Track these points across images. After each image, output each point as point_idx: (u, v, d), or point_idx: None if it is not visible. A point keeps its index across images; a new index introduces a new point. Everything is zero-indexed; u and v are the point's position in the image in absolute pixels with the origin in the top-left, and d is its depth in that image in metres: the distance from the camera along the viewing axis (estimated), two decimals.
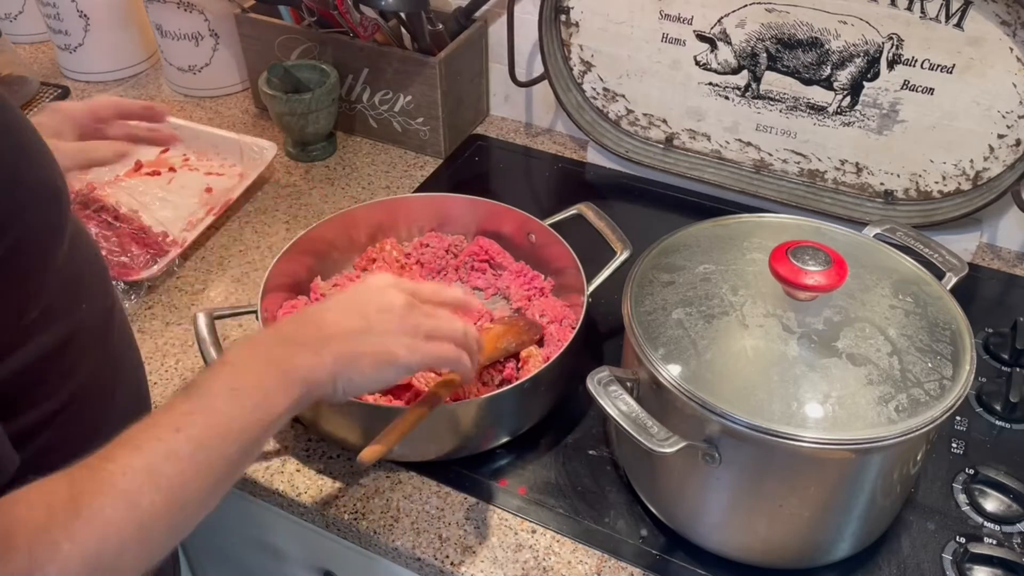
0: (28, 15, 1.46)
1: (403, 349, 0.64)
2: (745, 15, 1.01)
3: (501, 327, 0.85)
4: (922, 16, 0.92)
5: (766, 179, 1.11)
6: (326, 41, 1.19)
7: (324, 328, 0.62)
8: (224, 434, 0.55)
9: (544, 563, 0.75)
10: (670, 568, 0.74)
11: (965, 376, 0.66)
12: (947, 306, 0.71)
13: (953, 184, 1.01)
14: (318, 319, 0.63)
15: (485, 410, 0.78)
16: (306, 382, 0.59)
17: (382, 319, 0.64)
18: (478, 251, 0.98)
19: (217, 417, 0.55)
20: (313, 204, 1.14)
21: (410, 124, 1.21)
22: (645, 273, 0.75)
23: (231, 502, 0.94)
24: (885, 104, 0.99)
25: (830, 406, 0.63)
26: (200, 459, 0.53)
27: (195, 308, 0.99)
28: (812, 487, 0.67)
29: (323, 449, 0.84)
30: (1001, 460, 0.81)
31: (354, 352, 0.62)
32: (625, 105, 1.16)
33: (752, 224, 0.80)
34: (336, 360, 0.61)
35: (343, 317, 0.63)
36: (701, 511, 0.73)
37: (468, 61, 1.20)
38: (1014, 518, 0.76)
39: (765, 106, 1.06)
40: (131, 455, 0.51)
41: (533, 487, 0.80)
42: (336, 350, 0.61)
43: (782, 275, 0.67)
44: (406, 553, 0.77)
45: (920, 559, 0.74)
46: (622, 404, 0.65)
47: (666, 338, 0.69)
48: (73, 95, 1.37)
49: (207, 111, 1.32)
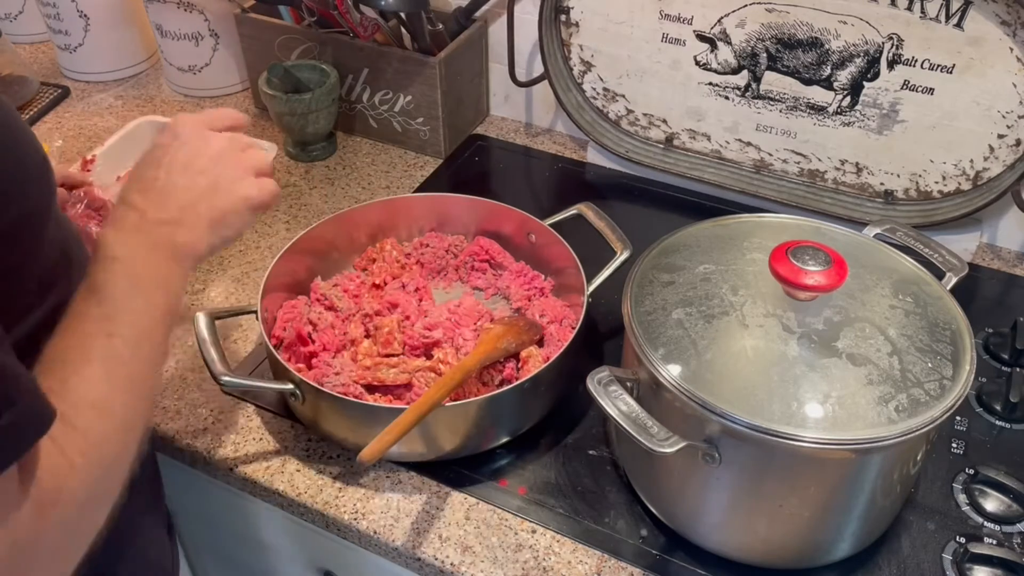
0: (28, 15, 1.46)
1: (254, 190, 0.69)
2: (745, 15, 1.01)
3: (501, 327, 0.85)
4: (922, 16, 0.92)
5: (766, 179, 1.11)
6: (326, 41, 1.19)
7: (180, 196, 0.65)
8: (149, 326, 0.60)
9: (544, 563, 0.75)
10: (670, 568, 0.74)
11: (965, 376, 0.66)
12: (947, 306, 0.71)
13: (953, 184, 1.01)
14: (168, 187, 0.65)
15: (485, 410, 0.78)
16: (191, 256, 0.65)
17: (223, 169, 0.68)
18: (478, 251, 0.98)
19: (135, 314, 0.59)
20: (313, 204, 1.14)
21: (410, 124, 1.21)
22: (645, 273, 0.75)
23: (231, 502, 0.94)
24: (885, 104, 0.99)
25: (830, 406, 0.63)
26: (142, 353, 0.59)
27: (195, 308, 0.99)
28: (812, 487, 0.67)
29: (323, 449, 0.84)
30: (1001, 460, 0.81)
31: (220, 212, 0.66)
32: (625, 105, 1.16)
33: (752, 224, 0.80)
34: (208, 226, 0.66)
35: (190, 180, 0.66)
36: (701, 511, 0.73)
37: (468, 61, 1.20)
38: (1014, 518, 0.76)
39: (765, 106, 1.06)
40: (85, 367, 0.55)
41: (533, 487, 0.80)
42: (206, 216, 0.65)
43: (782, 275, 0.67)
44: (406, 553, 0.77)
45: (920, 559, 0.74)
46: (622, 404, 0.65)
47: (666, 338, 0.69)
48: (73, 95, 1.37)
49: None
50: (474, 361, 0.80)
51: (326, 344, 0.86)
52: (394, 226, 1.01)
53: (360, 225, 0.99)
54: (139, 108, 1.33)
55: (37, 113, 1.31)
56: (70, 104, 1.35)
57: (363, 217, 0.99)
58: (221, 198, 0.67)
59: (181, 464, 0.89)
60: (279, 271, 0.90)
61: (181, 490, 1.01)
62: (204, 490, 0.95)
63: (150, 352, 0.60)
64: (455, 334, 0.86)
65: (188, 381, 0.91)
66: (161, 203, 0.64)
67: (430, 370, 0.83)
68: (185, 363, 0.93)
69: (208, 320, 0.82)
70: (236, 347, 0.94)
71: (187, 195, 0.65)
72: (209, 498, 0.96)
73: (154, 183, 0.65)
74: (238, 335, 0.96)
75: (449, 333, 0.86)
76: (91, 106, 1.34)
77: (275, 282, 0.90)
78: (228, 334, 0.95)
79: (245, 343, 0.95)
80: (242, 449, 0.84)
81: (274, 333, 0.88)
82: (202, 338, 0.81)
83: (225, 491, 0.92)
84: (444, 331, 0.86)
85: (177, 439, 0.85)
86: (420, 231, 1.01)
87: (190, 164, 0.67)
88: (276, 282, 0.90)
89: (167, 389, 0.90)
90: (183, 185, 0.66)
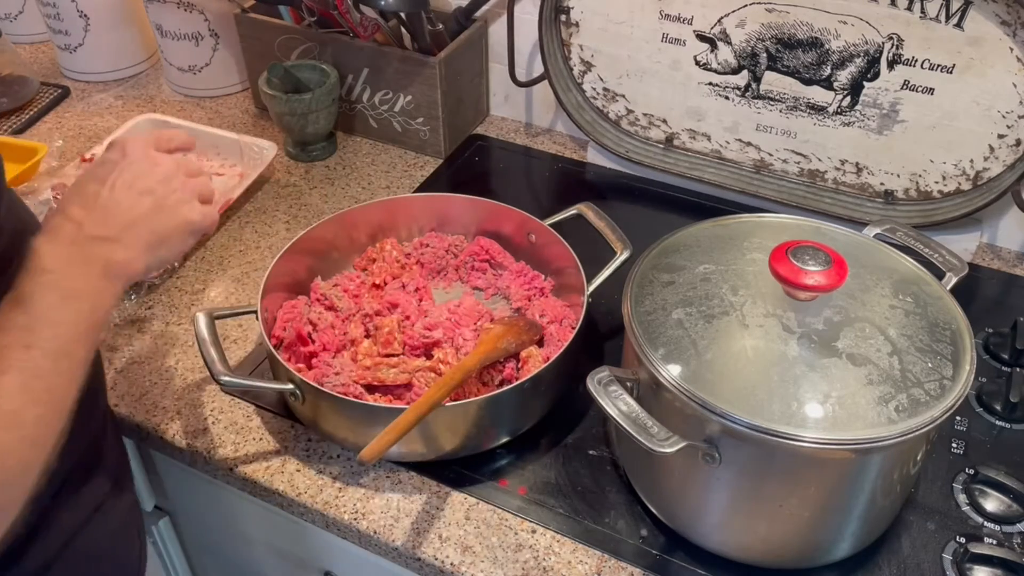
0: (28, 15, 1.46)
1: (196, 215, 0.70)
2: (745, 15, 1.01)
3: (501, 327, 0.85)
4: (922, 16, 0.92)
5: (766, 179, 1.11)
6: (326, 41, 1.19)
7: (121, 215, 0.65)
8: (73, 340, 0.59)
9: (544, 563, 0.75)
10: (670, 568, 0.74)
11: (965, 376, 0.66)
12: (947, 306, 0.71)
13: (953, 184, 1.01)
14: (111, 205, 0.65)
15: (485, 410, 0.78)
16: (125, 275, 0.65)
17: (167, 191, 0.68)
18: (478, 251, 0.98)
19: (59, 328, 0.59)
20: (313, 204, 1.14)
21: (410, 124, 1.21)
22: (645, 273, 0.75)
23: (232, 502, 0.94)
24: (885, 104, 0.99)
25: (830, 406, 0.63)
26: (62, 367, 0.58)
27: (195, 308, 0.99)
28: (812, 487, 0.67)
29: (323, 449, 0.84)
30: (1001, 460, 0.81)
31: (160, 234, 0.67)
32: (625, 105, 1.16)
33: (752, 224, 0.80)
34: (147, 247, 0.66)
35: (135, 199, 0.67)
36: (701, 511, 0.73)
37: (468, 61, 1.20)
38: (1014, 518, 0.76)
39: (765, 106, 1.06)
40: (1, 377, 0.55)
41: (533, 487, 0.80)
42: (144, 237, 0.66)
43: (782, 275, 0.67)
44: (406, 553, 0.77)
45: (920, 559, 0.74)
46: (622, 404, 0.65)
47: (666, 338, 0.69)
48: (73, 95, 1.37)
49: (207, 111, 1.33)
50: (474, 361, 0.80)
51: (326, 344, 0.86)
52: (394, 226, 1.01)
53: (360, 225, 0.99)
54: (139, 108, 1.33)
55: (37, 113, 1.31)
56: (70, 104, 1.35)
57: (363, 217, 0.99)
58: (163, 220, 0.67)
59: (181, 464, 0.89)
60: (279, 271, 0.90)
61: (181, 490, 1.01)
62: (204, 490, 0.95)
63: (70, 367, 0.59)
64: (455, 334, 0.86)
65: (188, 381, 0.91)
66: (101, 219, 0.64)
67: (430, 370, 0.83)
68: (185, 363, 0.93)
69: (208, 320, 0.82)
70: (236, 347, 0.94)
71: (129, 214, 0.65)
72: (209, 498, 0.96)
73: (96, 199, 0.65)
74: (238, 335, 0.96)
75: (449, 333, 0.86)
76: (91, 106, 1.34)
77: (275, 282, 0.90)
78: (228, 334, 0.95)
79: (245, 343, 0.95)
80: (242, 449, 0.84)
81: (274, 333, 0.88)
82: (202, 338, 0.81)
83: (225, 491, 0.92)
84: (444, 331, 0.86)
85: (177, 439, 0.85)
86: (420, 231, 1.01)
87: (134, 183, 0.67)
88: (276, 282, 0.90)
89: (167, 389, 0.90)
90: (126, 203, 0.66)
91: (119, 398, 0.89)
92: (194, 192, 0.70)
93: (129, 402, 0.89)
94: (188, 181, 0.70)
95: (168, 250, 0.68)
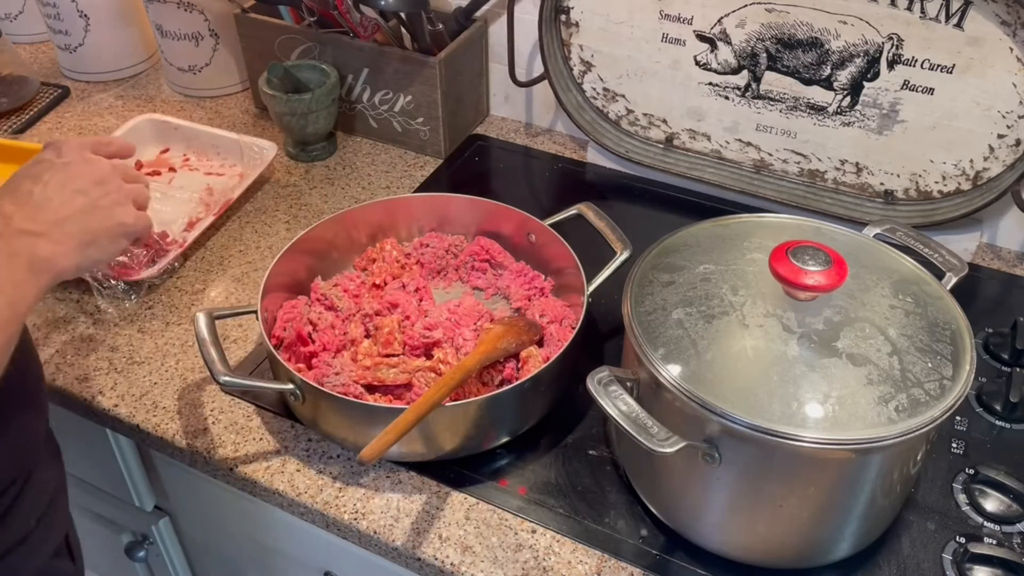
0: (28, 15, 1.46)
1: (130, 218, 0.70)
2: (745, 15, 1.01)
3: (501, 327, 0.85)
4: (922, 16, 0.92)
5: (766, 179, 1.11)
6: (326, 41, 1.19)
7: (52, 211, 0.65)
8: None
9: (544, 563, 0.75)
10: (670, 568, 0.74)
11: (965, 376, 0.66)
12: (947, 306, 0.71)
13: (953, 184, 1.01)
14: (42, 201, 0.65)
15: (485, 410, 0.78)
16: (51, 271, 0.64)
17: (102, 192, 0.69)
18: (478, 251, 0.98)
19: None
20: (313, 204, 1.14)
21: (410, 124, 1.21)
22: (645, 273, 0.75)
23: (231, 502, 0.94)
24: (885, 104, 0.99)
25: (830, 406, 0.63)
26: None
27: (195, 308, 0.99)
28: (812, 487, 0.67)
29: (323, 449, 0.84)
30: (1001, 460, 0.81)
31: (91, 232, 0.67)
32: (625, 105, 1.16)
33: (752, 224, 0.80)
34: (77, 245, 0.66)
35: (68, 197, 0.67)
36: (701, 511, 0.73)
37: (468, 61, 1.20)
38: (1014, 518, 0.76)
39: (765, 106, 1.06)
40: None
41: (533, 487, 0.80)
42: (75, 235, 0.66)
43: (782, 275, 0.67)
44: (406, 553, 0.77)
45: (920, 559, 0.74)
46: (622, 404, 0.65)
47: (666, 338, 0.69)
48: (73, 95, 1.37)
49: (207, 111, 1.33)
50: (474, 361, 0.80)
51: (326, 344, 0.86)
52: (394, 226, 1.01)
53: (360, 225, 0.99)
54: (139, 108, 1.33)
55: (37, 113, 1.31)
56: (70, 104, 1.35)
57: (363, 217, 0.99)
58: (96, 220, 0.68)
59: (181, 464, 0.89)
60: (279, 271, 0.90)
61: (181, 490, 1.01)
62: (204, 490, 0.95)
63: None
64: (455, 334, 0.86)
65: (188, 381, 0.91)
66: (31, 214, 0.64)
67: (430, 370, 0.84)
68: (185, 363, 0.93)
69: (208, 320, 0.82)
70: (236, 347, 0.94)
71: (60, 211, 0.66)
72: (209, 498, 0.96)
73: (29, 196, 0.66)
74: (238, 335, 0.96)
75: (449, 333, 0.86)
76: (91, 106, 1.34)
77: (275, 282, 0.90)
78: (228, 334, 0.95)
79: (245, 343, 0.95)
80: (242, 449, 0.84)
81: (274, 333, 0.88)
82: (202, 338, 0.81)
83: (225, 491, 0.92)
84: (444, 331, 0.86)
85: (177, 439, 0.85)
86: (420, 231, 1.01)
87: (68, 183, 0.67)
88: (276, 282, 0.90)
89: (167, 389, 0.90)
90: (57, 200, 0.66)
91: (119, 398, 0.89)
92: (128, 196, 0.71)
93: (129, 402, 0.89)
94: (123, 185, 0.71)
95: (99, 250, 0.68)
